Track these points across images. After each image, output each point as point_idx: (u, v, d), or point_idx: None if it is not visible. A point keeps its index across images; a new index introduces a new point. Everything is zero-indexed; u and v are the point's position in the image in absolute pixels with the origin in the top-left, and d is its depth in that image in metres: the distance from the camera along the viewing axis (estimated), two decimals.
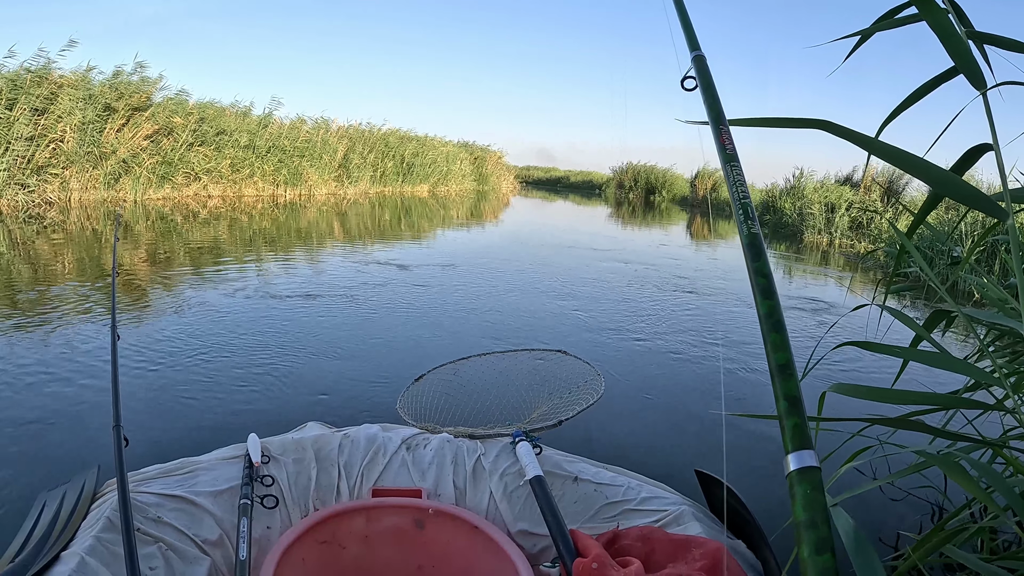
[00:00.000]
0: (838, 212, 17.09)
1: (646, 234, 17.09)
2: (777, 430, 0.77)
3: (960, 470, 1.35)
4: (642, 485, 2.03)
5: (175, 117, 14.29)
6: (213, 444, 2.09)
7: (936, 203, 1.82)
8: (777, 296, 0.88)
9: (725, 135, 1.04)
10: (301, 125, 19.49)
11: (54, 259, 6.90)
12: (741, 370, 4.57)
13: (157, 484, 1.80)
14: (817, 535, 0.68)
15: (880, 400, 1.57)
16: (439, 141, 27.80)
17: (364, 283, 6.65)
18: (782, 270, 11.09)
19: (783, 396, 0.78)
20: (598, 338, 5.15)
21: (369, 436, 2.13)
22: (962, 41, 1.45)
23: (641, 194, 33.91)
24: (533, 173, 51.30)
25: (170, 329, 4.52)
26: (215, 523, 1.77)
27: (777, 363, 0.81)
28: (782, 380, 0.80)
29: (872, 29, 1.64)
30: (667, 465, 2.88)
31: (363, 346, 4.48)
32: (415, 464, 2.07)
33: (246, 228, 10.98)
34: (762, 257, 0.91)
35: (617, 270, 8.90)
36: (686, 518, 1.84)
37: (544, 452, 2.09)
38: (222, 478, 1.88)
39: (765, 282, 0.88)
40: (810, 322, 6.40)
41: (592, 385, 2.38)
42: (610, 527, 1.86)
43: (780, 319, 0.86)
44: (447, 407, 2.45)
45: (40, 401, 3.18)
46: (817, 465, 0.73)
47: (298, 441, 2.06)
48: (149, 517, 1.68)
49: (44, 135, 11.52)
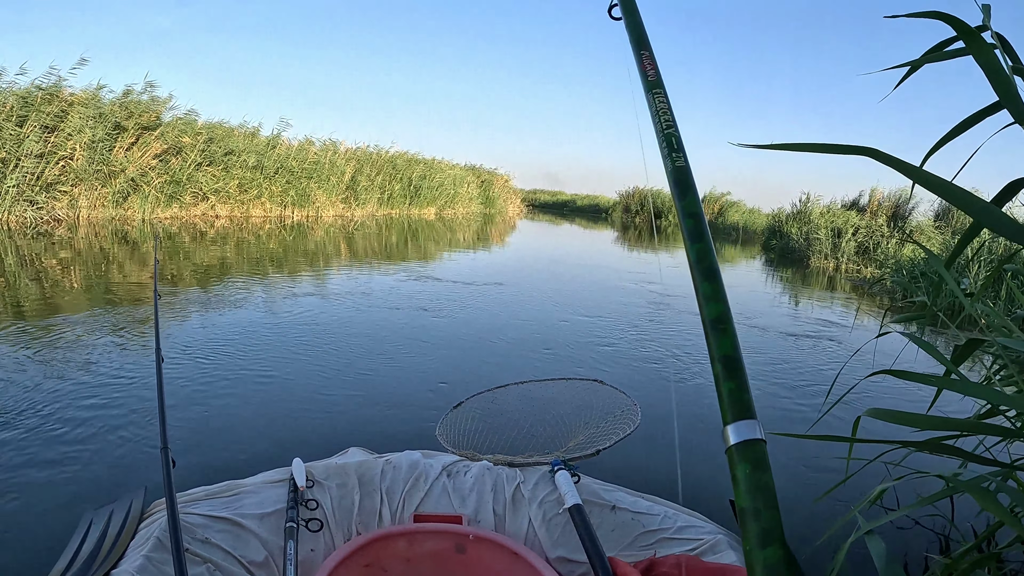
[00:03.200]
0: (844, 237, 17.13)
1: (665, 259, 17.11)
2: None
3: (991, 497, 1.35)
4: (678, 514, 2.03)
5: (184, 137, 14.37)
6: (257, 468, 2.11)
7: (976, 233, 1.83)
8: (710, 239, 0.79)
9: (647, 61, 0.99)
10: (309, 146, 19.57)
11: (74, 277, 6.92)
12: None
13: (204, 505, 1.81)
14: (760, 526, 0.60)
15: (913, 425, 1.56)
16: (446, 164, 27.92)
17: (393, 305, 6.66)
18: (788, 296, 11.10)
19: (718, 357, 0.69)
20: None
21: (411, 462, 2.14)
22: (1007, 77, 1.46)
23: (648, 218, 34.00)
24: (540, 196, 51.58)
25: (206, 350, 4.54)
26: (261, 545, 1.78)
27: (709, 317, 0.72)
28: (716, 337, 0.70)
29: (921, 61, 1.67)
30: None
31: (399, 370, 4.49)
32: (455, 491, 2.08)
33: (256, 248, 11.01)
34: (690, 194, 0.83)
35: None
36: (722, 547, 1.85)
37: (582, 481, 2.09)
38: (268, 501, 1.90)
39: (694, 223, 0.80)
40: (823, 349, 6.41)
41: (629, 415, 2.39)
42: (647, 555, 1.87)
43: (713, 266, 0.77)
44: (485, 434, 2.46)
45: (83, 421, 3.18)
46: (761, 437, 0.65)
47: (342, 466, 2.07)
48: (197, 538, 1.69)
49: (54, 152, 11.60)
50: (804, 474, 3.15)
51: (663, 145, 0.86)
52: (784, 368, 5.41)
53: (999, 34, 1.54)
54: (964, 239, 1.86)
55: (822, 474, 3.11)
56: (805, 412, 4.21)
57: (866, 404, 4.27)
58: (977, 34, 1.48)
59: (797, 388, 4.81)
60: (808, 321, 8.10)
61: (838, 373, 2.48)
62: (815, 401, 4.42)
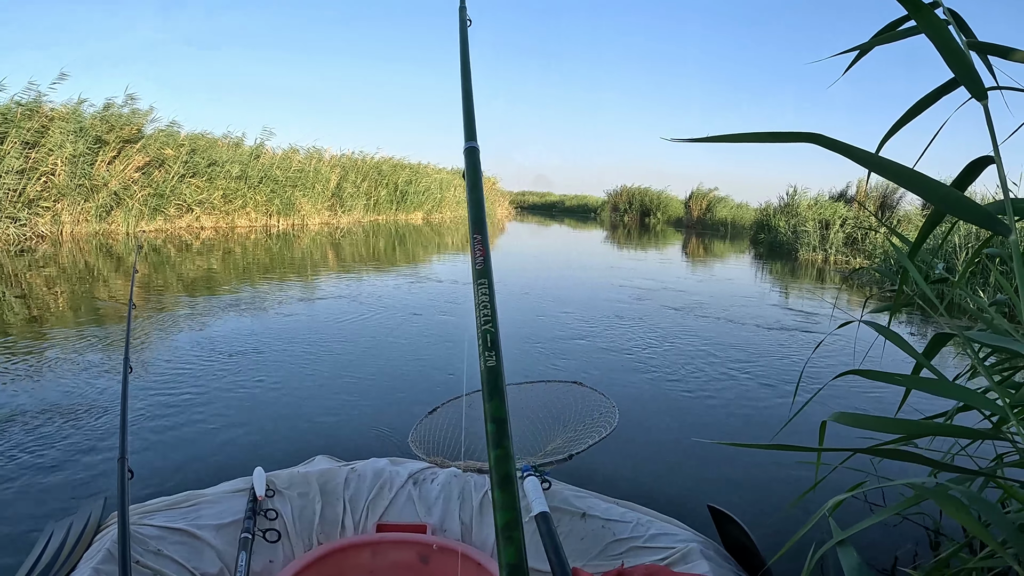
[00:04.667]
0: (832, 228, 17.15)
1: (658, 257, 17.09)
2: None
3: (956, 503, 1.30)
4: (652, 521, 1.98)
5: (166, 149, 14.27)
6: (223, 477, 2.08)
7: (939, 220, 1.79)
8: (511, 448, 0.70)
9: (479, 245, 0.89)
10: (293, 155, 19.49)
11: (53, 292, 6.85)
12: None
13: (161, 517, 1.80)
14: None
15: (882, 430, 1.51)
16: (432, 168, 27.86)
17: (373, 312, 6.61)
18: (777, 289, 11.08)
19: (504, 564, 0.64)
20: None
21: (376, 470, 2.10)
22: (962, 51, 1.42)
23: (636, 216, 34.05)
24: (528, 198, 51.67)
25: (178, 360, 4.50)
26: (216, 556, 1.76)
27: (500, 524, 0.66)
28: (503, 544, 0.65)
29: (871, 43, 1.62)
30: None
31: (376, 375, 4.44)
32: (421, 499, 2.03)
33: (241, 259, 10.94)
34: (497, 397, 0.74)
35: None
36: (694, 556, 1.80)
37: (553, 487, 2.05)
38: (227, 511, 1.87)
39: (495, 428, 0.70)
40: (799, 342, 6.39)
41: (606, 417, 2.35)
42: (615, 565, 1.82)
43: (510, 473, 0.68)
44: (459, 440, 2.42)
45: (51, 433, 3.15)
46: None
47: (304, 475, 2.03)
48: (149, 549, 1.68)
49: (35, 168, 11.50)
50: (780, 473, 3.11)
51: (480, 342, 0.79)
52: (759, 363, 5.38)
53: (951, 10, 1.50)
54: (926, 226, 1.81)
55: (801, 471, 3.08)
56: (781, 409, 4.18)
57: (842, 396, 4.23)
58: (929, 10, 1.43)
59: (774, 387, 4.77)
60: (791, 312, 8.10)
61: (802, 371, 2.43)
62: (795, 398, 4.36)
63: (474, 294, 0.84)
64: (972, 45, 1.49)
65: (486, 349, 0.77)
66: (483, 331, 0.79)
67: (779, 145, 1.37)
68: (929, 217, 1.76)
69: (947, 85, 1.56)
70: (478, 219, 0.93)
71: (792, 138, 1.35)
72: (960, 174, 1.53)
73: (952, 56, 1.42)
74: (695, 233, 27.34)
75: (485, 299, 0.82)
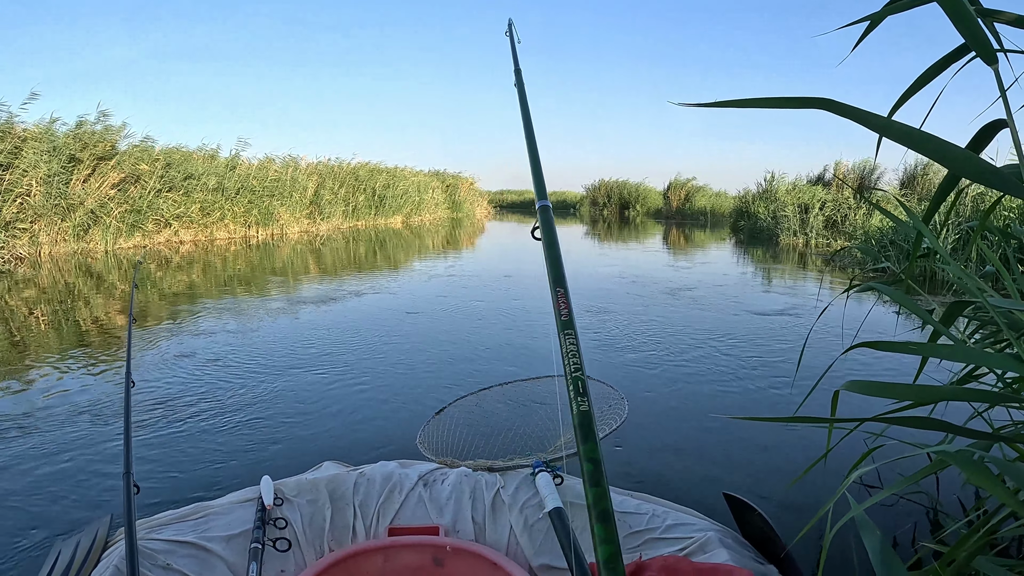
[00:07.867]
0: (812, 212, 17.21)
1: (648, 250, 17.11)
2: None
3: (982, 469, 1.27)
4: (668, 512, 1.95)
5: (141, 164, 14.15)
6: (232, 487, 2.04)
7: (954, 185, 1.75)
8: (607, 485, 0.78)
9: (562, 299, 0.96)
10: (269, 164, 19.40)
11: (39, 313, 6.74)
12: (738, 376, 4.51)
13: (169, 530, 1.77)
14: None
15: (893, 397, 1.48)
16: (409, 171, 27.77)
17: (358, 326, 6.55)
18: (760, 275, 11.09)
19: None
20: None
21: (385, 474, 2.05)
22: (972, 17, 1.39)
23: (615, 210, 34.06)
24: (507, 197, 51.70)
25: (176, 373, 4.47)
26: (227, 568, 1.73)
27: (603, 557, 0.72)
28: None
29: (882, 13, 1.59)
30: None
31: (378, 383, 4.39)
32: (432, 500, 1.99)
33: (221, 271, 10.83)
34: (591, 440, 0.81)
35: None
36: (712, 545, 1.77)
37: (566, 482, 2.01)
38: (236, 522, 1.84)
39: (593, 468, 0.78)
40: (795, 323, 6.39)
41: (616, 409, 2.32)
42: (633, 558, 1.79)
43: (608, 509, 0.76)
44: (469, 439, 2.39)
45: (57, 449, 3.12)
46: None
47: (312, 481, 1.99)
48: (158, 564, 1.65)
49: (10, 190, 11.37)
50: (794, 450, 3.10)
51: (570, 388, 0.83)
52: (753, 347, 5.37)
53: None
54: (940, 192, 1.78)
55: (811, 451, 3.07)
56: (780, 389, 4.17)
57: (844, 374, 4.22)
58: None
59: (772, 365, 4.76)
60: (777, 295, 8.11)
61: (803, 347, 2.40)
62: (790, 378, 4.35)
63: (560, 344, 0.88)
64: (980, 12, 1.47)
65: (577, 395, 0.81)
66: (573, 378, 0.82)
67: (753, 130, 1.34)
68: (943, 182, 1.73)
69: (957, 52, 1.53)
70: (558, 276, 0.98)
71: (802, 103, 1.32)
72: (974, 138, 1.51)
73: (962, 21, 1.39)
74: (675, 224, 27.39)
75: (573, 348, 0.86)
